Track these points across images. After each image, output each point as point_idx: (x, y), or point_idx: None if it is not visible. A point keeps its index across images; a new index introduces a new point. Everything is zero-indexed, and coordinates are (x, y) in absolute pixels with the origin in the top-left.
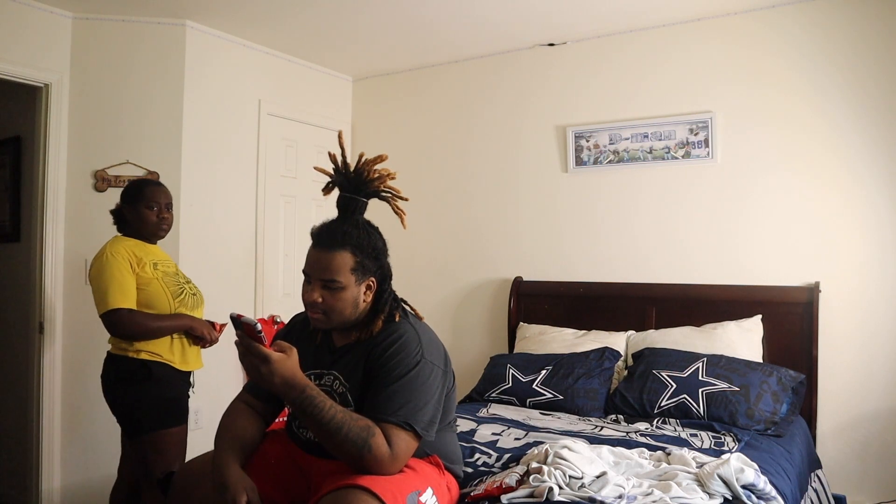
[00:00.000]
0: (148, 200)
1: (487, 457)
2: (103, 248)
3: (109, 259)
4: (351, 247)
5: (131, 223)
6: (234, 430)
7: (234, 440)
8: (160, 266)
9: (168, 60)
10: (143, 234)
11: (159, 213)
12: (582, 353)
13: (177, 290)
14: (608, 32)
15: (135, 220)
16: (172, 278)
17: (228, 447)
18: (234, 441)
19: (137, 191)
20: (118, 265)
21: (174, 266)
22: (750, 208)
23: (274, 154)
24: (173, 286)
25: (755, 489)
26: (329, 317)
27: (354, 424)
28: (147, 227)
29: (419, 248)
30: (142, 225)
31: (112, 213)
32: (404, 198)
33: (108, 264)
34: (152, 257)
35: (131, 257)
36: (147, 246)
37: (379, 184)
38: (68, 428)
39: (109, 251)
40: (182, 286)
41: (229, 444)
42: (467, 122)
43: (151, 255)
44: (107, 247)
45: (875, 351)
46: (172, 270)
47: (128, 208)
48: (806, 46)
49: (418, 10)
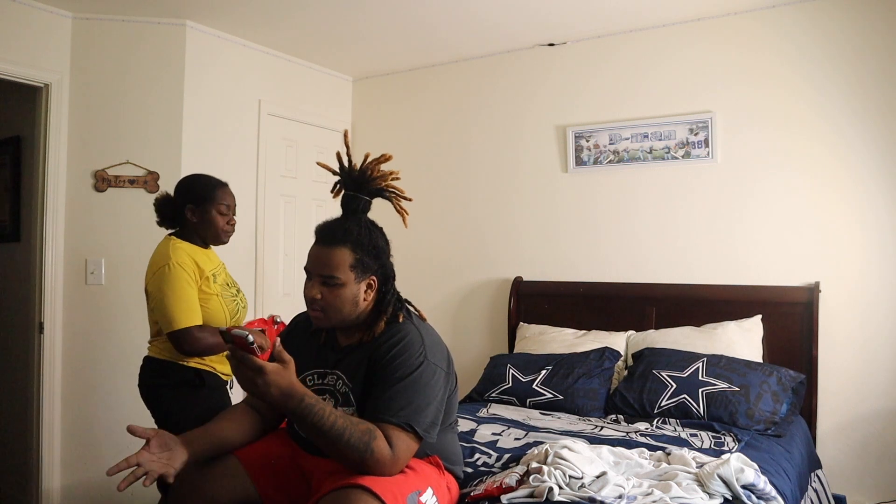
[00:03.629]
0: (219, 203)
1: (487, 457)
2: (164, 255)
3: (175, 272)
4: (351, 244)
5: (194, 225)
6: (214, 424)
7: (205, 430)
8: (219, 278)
9: (168, 60)
10: (205, 237)
11: (229, 220)
12: (582, 353)
13: (233, 308)
14: (608, 32)
15: (199, 222)
16: (229, 291)
17: (195, 432)
18: (204, 431)
19: (208, 191)
20: (184, 279)
21: (225, 272)
22: (750, 208)
23: (274, 154)
24: (230, 303)
25: (755, 489)
26: (328, 314)
27: (356, 429)
28: (212, 232)
29: (419, 248)
30: (207, 228)
31: (162, 208)
32: (408, 198)
33: (174, 278)
34: (211, 267)
35: (194, 268)
36: (205, 252)
37: (381, 181)
38: (68, 428)
39: (174, 261)
40: (236, 300)
41: (198, 431)
42: (467, 122)
43: (210, 263)
44: (170, 254)
45: (875, 351)
46: (227, 280)
47: (194, 209)
48: (806, 46)
49: (418, 10)
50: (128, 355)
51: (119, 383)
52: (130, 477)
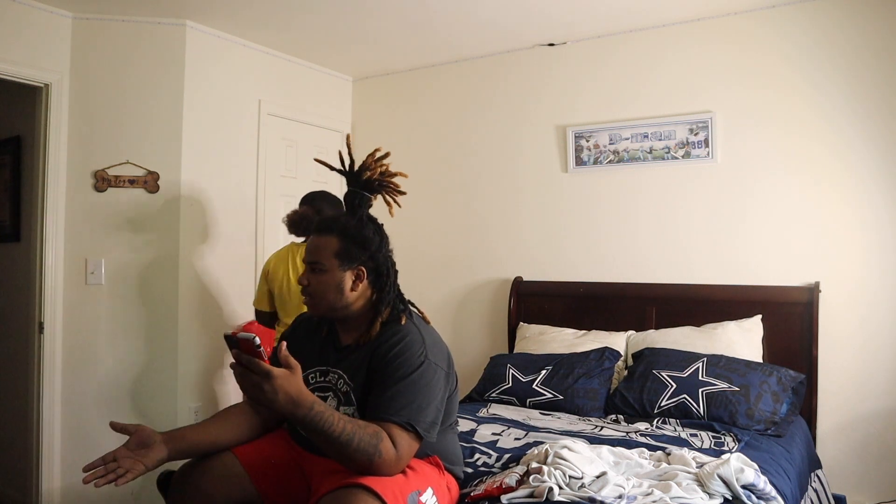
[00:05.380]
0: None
1: (487, 457)
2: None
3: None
4: (337, 232)
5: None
6: (207, 423)
7: (194, 429)
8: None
9: (168, 60)
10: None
11: None
12: (582, 353)
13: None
14: (608, 32)
15: None
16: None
17: (182, 430)
18: (192, 430)
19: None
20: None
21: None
22: (750, 208)
23: (274, 154)
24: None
25: (755, 489)
26: (315, 300)
27: (364, 433)
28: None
29: (419, 247)
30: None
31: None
32: (402, 192)
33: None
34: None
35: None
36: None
37: (372, 174)
38: (68, 428)
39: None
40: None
41: (186, 429)
42: (467, 122)
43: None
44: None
45: (875, 351)
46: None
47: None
48: (806, 46)
49: (418, 10)
50: (127, 355)
51: (119, 383)
52: (103, 478)
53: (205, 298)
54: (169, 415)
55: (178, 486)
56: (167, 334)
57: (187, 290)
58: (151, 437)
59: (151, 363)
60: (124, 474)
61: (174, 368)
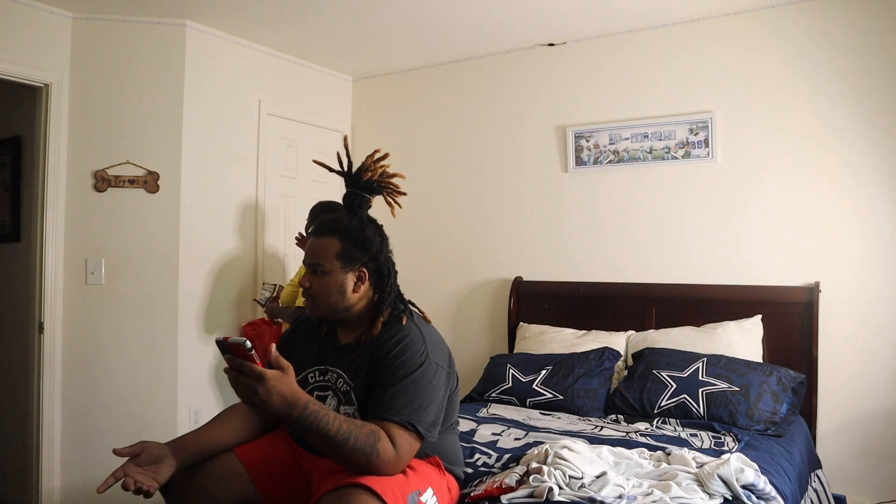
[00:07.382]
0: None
1: (487, 457)
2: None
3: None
4: (338, 234)
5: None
6: (208, 427)
7: (197, 435)
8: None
9: (168, 60)
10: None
11: None
12: (582, 353)
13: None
14: (609, 32)
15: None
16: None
17: (187, 438)
18: (196, 436)
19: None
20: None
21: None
22: (750, 208)
23: (274, 154)
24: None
25: (755, 489)
26: (317, 302)
27: (361, 432)
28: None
29: (419, 247)
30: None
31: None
32: (402, 192)
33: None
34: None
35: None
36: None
37: (371, 175)
38: (68, 428)
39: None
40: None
41: (190, 437)
42: (467, 122)
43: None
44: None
45: (875, 351)
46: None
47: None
48: (806, 46)
49: (418, 10)
50: (128, 355)
51: (119, 383)
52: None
53: (205, 298)
54: (168, 415)
55: (179, 485)
56: (167, 334)
57: (187, 290)
58: (161, 452)
59: (151, 363)
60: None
61: (174, 368)
